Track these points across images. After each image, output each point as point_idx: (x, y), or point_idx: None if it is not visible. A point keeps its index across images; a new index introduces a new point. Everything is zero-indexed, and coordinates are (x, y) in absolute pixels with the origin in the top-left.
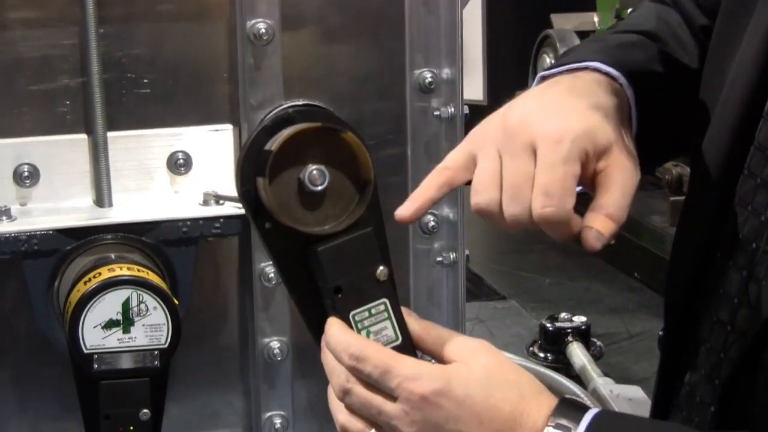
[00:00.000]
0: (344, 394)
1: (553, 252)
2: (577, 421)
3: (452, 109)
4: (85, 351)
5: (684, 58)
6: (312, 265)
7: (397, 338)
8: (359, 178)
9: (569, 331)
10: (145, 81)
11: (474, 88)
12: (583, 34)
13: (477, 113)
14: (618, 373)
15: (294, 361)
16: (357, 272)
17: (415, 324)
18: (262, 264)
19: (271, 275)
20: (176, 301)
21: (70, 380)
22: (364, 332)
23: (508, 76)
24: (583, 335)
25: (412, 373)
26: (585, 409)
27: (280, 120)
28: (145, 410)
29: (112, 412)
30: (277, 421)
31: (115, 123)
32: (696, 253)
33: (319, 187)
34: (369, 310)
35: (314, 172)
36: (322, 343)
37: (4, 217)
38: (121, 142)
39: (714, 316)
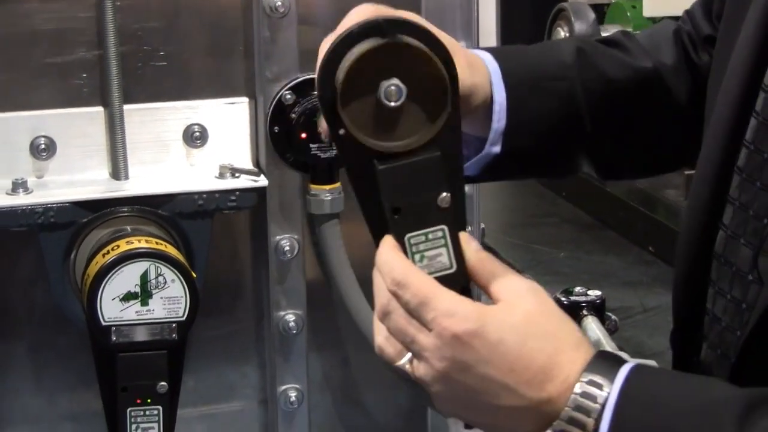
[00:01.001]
0: (384, 316)
1: (567, 225)
2: (611, 377)
3: None
4: (103, 323)
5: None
6: (375, 181)
7: (451, 267)
8: (436, 101)
9: (584, 305)
10: (161, 54)
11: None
12: (598, 8)
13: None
14: (633, 348)
15: (309, 334)
16: (417, 196)
17: (473, 254)
18: (278, 237)
19: (287, 248)
20: (194, 274)
21: (86, 351)
22: (418, 256)
23: None
24: (598, 309)
25: (448, 309)
26: (620, 363)
27: (368, 28)
28: (162, 383)
29: (129, 384)
30: (292, 394)
31: (131, 96)
32: (705, 229)
33: (395, 103)
34: (426, 234)
35: (391, 87)
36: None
37: (21, 190)
38: (137, 114)
39: (728, 294)
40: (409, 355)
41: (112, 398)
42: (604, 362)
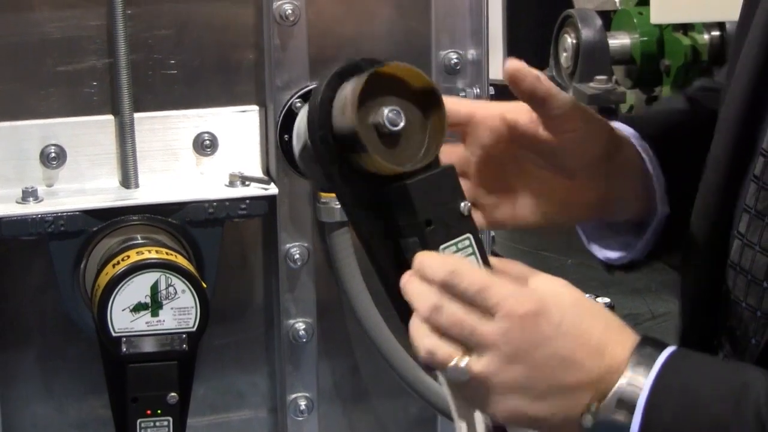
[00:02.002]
0: (433, 312)
1: (576, 233)
2: (652, 362)
3: (477, 90)
4: (114, 334)
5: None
6: (397, 202)
7: None
8: (436, 111)
9: None
10: (172, 62)
11: (495, 68)
12: (604, 14)
13: (498, 93)
14: None
15: (319, 343)
16: (443, 207)
17: (495, 260)
18: (288, 245)
19: (297, 256)
20: (204, 285)
21: (96, 361)
22: None
23: (529, 56)
24: None
25: (510, 292)
26: (662, 347)
27: (350, 67)
28: (172, 393)
29: (139, 395)
30: (302, 403)
31: (141, 104)
32: (716, 238)
33: (398, 127)
34: (456, 244)
35: (391, 113)
36: (404, 278)
37: (31, 198)
38: (147, 123)
39: (743, 302)
40: (458, 359)
41: (122, 409)
42: (648, 346)
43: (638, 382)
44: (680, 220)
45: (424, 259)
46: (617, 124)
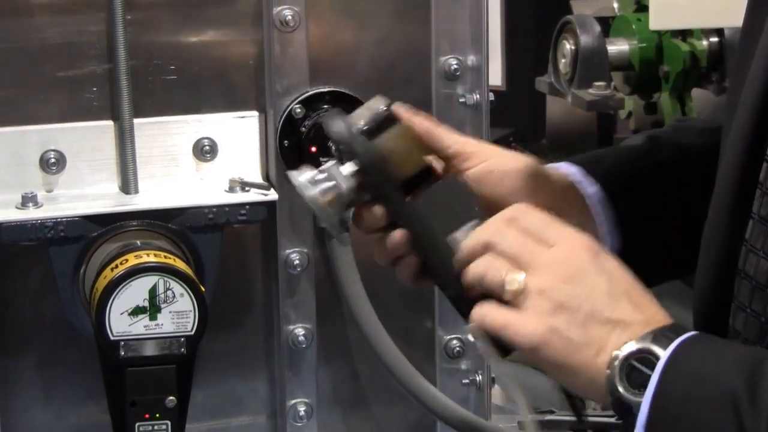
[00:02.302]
0: (495, 235)
1: None
2: (678, 332)
3: (477, 96)
4: (112, 338)
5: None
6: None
7: None
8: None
9: None
10: (172, 67)
11: (493, 74)
12: (603, 20)
13: (496, 99)
14: None
15: (318, 348)
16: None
17: None
18: (287, 251)
19: (297, 262)
20: (203, 288)
21: (96, 366)
22: None
23: (528, 62)
24: None
25: (572, 231)
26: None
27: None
28: (171, 397)
29: (138, 399)
30: (301, 409)
31: (141, 109)
32: (726, 244)
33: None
34: None
35: None
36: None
37: (31, 204)
38: (147, 128)
39: (748, 308)
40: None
41: (121, 413)
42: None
43: (663, 343)
44: (657, 252)
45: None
46: (561, 165)
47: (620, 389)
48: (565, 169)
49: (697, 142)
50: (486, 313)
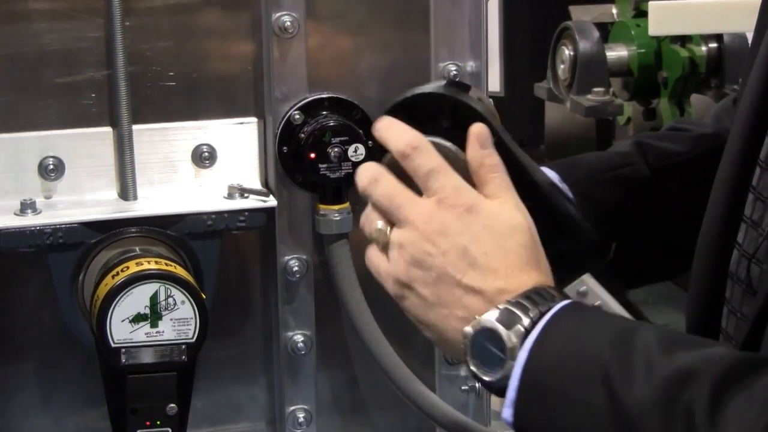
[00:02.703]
0: (370, 184)
1: None
2: (547, 305)
3: None
4: (113, 345)
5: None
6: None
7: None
8: None
9: None
10: (170, 74)
11: (492, 80)
12: (602, 26)
13: (495, 105)
14: None
15: (318, 355)
16: None
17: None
18: (286, 257)
19: (295, 268)
20: (204, 296)
21: (95, 373)
22: None
23: (526, 68)
24: None
25: (456, 183)
26: (562, 297)
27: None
28: (171, 405)
29: (138, 406)
30: (300, 415)
31: (140, 116)
32: (720, 248)
33: None
34: None
35: None
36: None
37: (29, 210)
38: (146, 134)
39: (738, 312)
40: (384, 225)
41: (121, 420)
42: (548, 289)
43: (513, 318)
44: (633, 258)
45: (387, 121)
46: (542, 168)
47: (473, 368)
48: (545, 171)
49: (685, 149)
50: (369, 256)
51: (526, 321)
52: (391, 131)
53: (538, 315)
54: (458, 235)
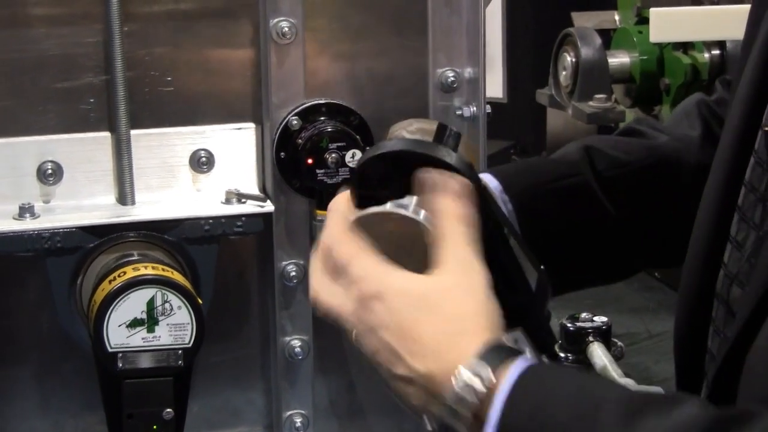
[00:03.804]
0: (313, 301)
1: None
2: (499, 370)
3: (474, 109)
4: (110, 350)
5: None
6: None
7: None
8: None
9: (590, 331)
10: (168, 79)
11: (494, 86)
12: (604, 33)
13: (497, 111)
14: (639, 374)
15: (315, 360)
16: None
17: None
18: (284, 262)
19: (293, 274)
20: (200, 301)
21: (93, 377)
22: None
23: (528, 75)
24: (604, 335)
25: (364, 270)
26: (514, 355)
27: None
28: (168, 409)
29: (135, 411)
30: (298, 420)
31: (138, 121)
32: (706, 268)
33: None
34: None
35: None
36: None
37: (28, 215)
38: (144, 140)
39: (721, 333)
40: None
41: (118, 425)
42: (494, 353)
43: (478, 388)
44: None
45: (337, 202)
46: (484, 175)
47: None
48: (487, 179)
49: (635, 158)
50: None
51: (467, 413)
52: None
53: (477, 405)
54: (379, 328)
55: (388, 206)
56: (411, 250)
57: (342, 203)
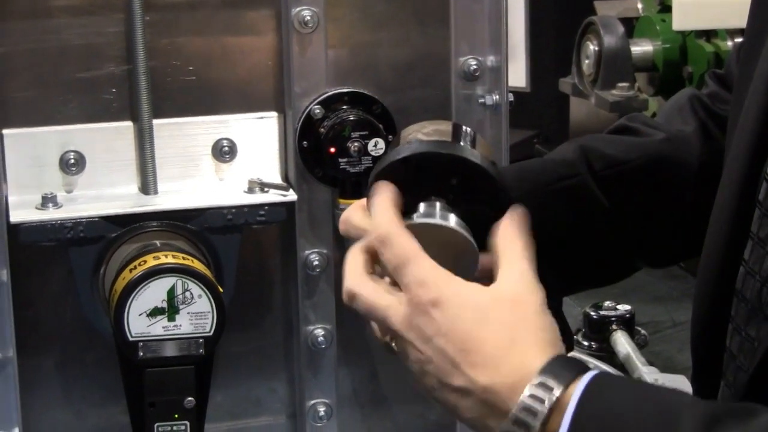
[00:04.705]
0: (350, 300)
1: None
2: (565, 382)
3: (497, 97)
4: (131, 339)
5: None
6: None
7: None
8: None
9: (613, 319)
10: (191, 68)
11: (517, 75)
12: (627, 21)
13: (520, 100)
14: (663, 362)
15: (338, 349)
16: None
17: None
18: (307, 251)
19: (316, 263)
20: (221, 289)
21: (115, 366)
22: None
23: (551, 63)
24: (628, 324)
25: (423, 276)
26: (580, 369)
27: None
28: (189, 398)
29: (157, 399)
30: (321, 409)
31: (160, 110)
32: (725, 264)
33: None
34: None
35: None
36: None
37: (50, 204)
38: (166, 129)
39: (743, 331)
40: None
41: (140, 413)
42: (560, 366)
43: (545, 398)
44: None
45: (376, 220)
46: None
47: None
48: None
49: (631, 156)
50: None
51: (536, 424)
52: (362, 218)
53: (545, 416)
54: (435, 337)
55: (438, 220)
56: (448, 259)
57: (388, 199)
